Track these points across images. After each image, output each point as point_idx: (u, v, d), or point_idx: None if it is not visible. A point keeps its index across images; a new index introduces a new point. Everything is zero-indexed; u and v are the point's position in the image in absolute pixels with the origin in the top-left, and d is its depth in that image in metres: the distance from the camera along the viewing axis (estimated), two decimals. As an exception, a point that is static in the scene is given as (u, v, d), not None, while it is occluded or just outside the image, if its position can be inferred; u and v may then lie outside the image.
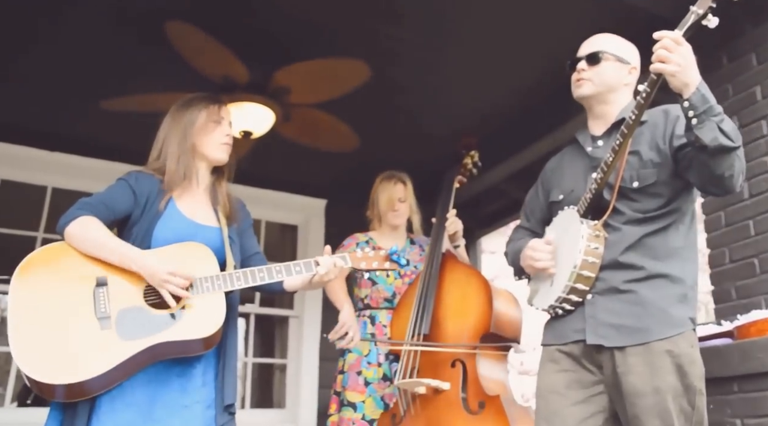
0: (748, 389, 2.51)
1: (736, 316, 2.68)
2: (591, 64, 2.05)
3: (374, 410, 2.82)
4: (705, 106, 1.70)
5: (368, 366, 2.89)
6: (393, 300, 3.02)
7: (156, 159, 2.12)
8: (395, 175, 3.20)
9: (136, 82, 3.45)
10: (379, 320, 2.99)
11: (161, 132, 2.15)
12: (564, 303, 1.95)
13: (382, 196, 3.15)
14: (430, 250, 2.96)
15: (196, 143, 2.13)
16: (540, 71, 3.73)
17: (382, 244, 3.05)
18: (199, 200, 2.16)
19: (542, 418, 1.95)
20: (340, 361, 3.01)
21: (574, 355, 1.95)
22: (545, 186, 2.24)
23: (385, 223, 3.17)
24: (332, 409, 2.92)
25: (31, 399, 5.20)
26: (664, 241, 1.92)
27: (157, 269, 1.86)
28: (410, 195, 3.18)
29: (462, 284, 2.86)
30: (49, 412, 1.87)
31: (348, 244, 3.13)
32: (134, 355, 1.79)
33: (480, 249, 5.62)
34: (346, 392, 2.87)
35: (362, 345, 2.93)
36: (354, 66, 3.38)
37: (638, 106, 1.80)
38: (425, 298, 2.80)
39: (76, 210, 1.94)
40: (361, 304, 3.08)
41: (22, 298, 1.81)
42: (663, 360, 1.81)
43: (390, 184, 3.16)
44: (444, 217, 3.03)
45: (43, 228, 4.29)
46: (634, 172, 1.94)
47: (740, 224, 2.90)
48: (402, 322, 2.85)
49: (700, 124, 1.70)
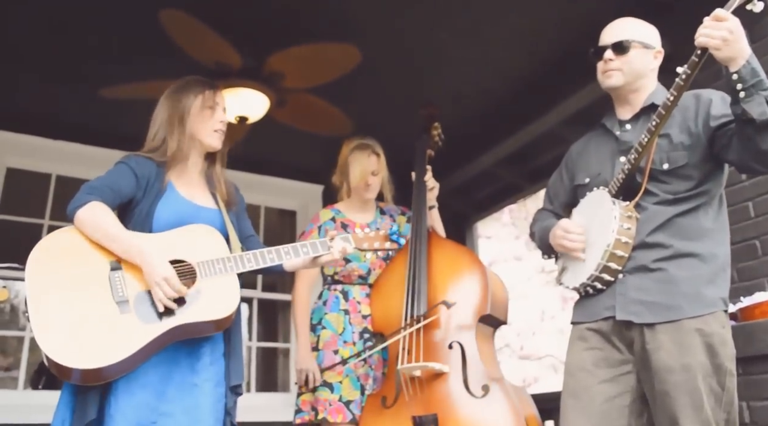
0: (753, 371, 2.51)
1: (739, 298, 2.66)
2: (618, 53, 2.01)
3: (351, 391, 2.70)
4: (754, 79, 1.67)
5: (344, 345, 2.75)
6: (367, 276, 2.87)
7: (152, 140, 2.14)
8: (369, 146, 2.93)
9: (132, 70, 3.51)
10: (353, 296, 2.84)
11: (157, 115, 2.17)
12: (596, 281, 1.94)
13: (355, 168, 2.88)
14: (415, 222, 2.83)
15: (191, 129, 2.14)
16: (532, 54, 3.77)
17: (350, 218, 2.94)
18: (196, 184, 2.18)
19: (570, 395, 1.94)
20: (311, 336, 2.82)
21: (603, 332, 1.94)
22: (570, 170, 2.23)
23: (356, 195, 2.95)
24: (303, 387, 2.74)
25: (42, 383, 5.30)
26: (694, 221, 1.91)
27: (153, 270, 1.85)
28: (383, 167, 2.95)
29: (453, 262, 2.76)
30: (60, 397, 1.90)
31: (309, 231, 2.91)
32: (156, 338, 1.82)
33: (476, 234, 5.64)
34: (322, 372, 2.71)
35: (336, 321, 2.79)
36: (345, 50, 3.44)
37: (677, 87, 1.77)
38: (416, 277, 2.68)
39: (84, 195, 1.94)
40: (331, 280, 2.90)
41: (40, 282, 1.82)
42: (693, 338, 1.79)
43: (363, 156, 2.89)
44: (422, 180, 2.93)
45: (48, 215, 4.37)
46: (665, 154, 1.93)
47: (740, 206, 2.87)
48: (388, 304, 2.73)
49: (748, 98, 1.68)
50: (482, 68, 3.92)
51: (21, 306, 2.15)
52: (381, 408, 2.59)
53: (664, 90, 1.92)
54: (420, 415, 2.48)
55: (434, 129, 3.10)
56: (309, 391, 2.72)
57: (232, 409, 2.02)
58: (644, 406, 1.89)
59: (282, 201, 5.30)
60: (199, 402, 1.93)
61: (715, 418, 1.77)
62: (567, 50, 3.47)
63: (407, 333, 2.58)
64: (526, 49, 3.73)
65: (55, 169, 4.46)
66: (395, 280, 2.78)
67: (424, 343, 2.58)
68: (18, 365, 4.21)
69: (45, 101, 4.07)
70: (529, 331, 8.30)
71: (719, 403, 1.78)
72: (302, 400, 2.75)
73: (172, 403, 1.89)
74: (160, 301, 1.84)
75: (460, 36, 3.60)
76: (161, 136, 2.12)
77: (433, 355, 2.56)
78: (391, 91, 4.09)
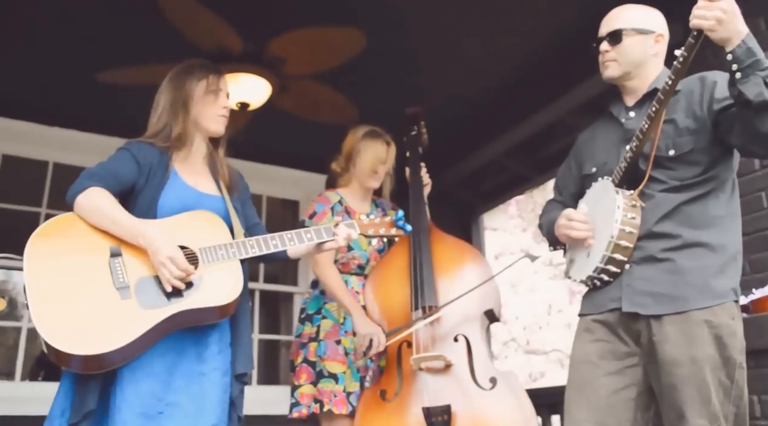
0: (765, 364, 2.48)
1: (751, 290, 2.62)
2: (613, 43, 1.99)
3: (351, 382, 2.67)
4: (750, 59, 1.63)
5: (345, 335, 2.72)
6: (365, 266, 2.85)
7: (155, 125, 2.11)
8: (381, 134, 2.91)
9: (130, 55, 3.47)
10: (351, 286, 2.80)
11: (160, 99, 2.14)
12: (602, 274, 1.91)
13: (366, 155, 2.85)
14: (415, 217, 2.81)
15: (195, 114, 2.12)
16: (539, 42, 3.72)
17: (351, 205, 2.91)
18: (200, 170, 2.16)
19: (574, 387, 1.92)
20: (307, 326, 2.79)
21: (610, 324, 1.91)
22: (577, 159, 2.20)
23: (358, 183, 2.92)
24: (302, 379, 2.69)
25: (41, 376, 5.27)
26: (703, 208, 1.87)
27: (159, 249, 1.82)
28: (392, 159, 2.93)
29: (456, 255, 2.77)
30: (59, 386, 1.87)
31: (322, 212, 2.85)
32: (158, 324, 1.79)
33: (482, 226, 5.59)
34: (325, 362, 2.67)
35: (337, 311, 2.76)
36: (349, 34, 3.38)
37: (675, 71, 1.73)
38: (421, 269, 2.67)
39: (85, 180, 1.92)
40: None
41: (38, 268, 1.79)
42: (701, 330, 1.76)
43: (377, 144, 2.87)
44: (419, 174, 2.93)
45: (45, 203, 4.32)
46: (670, 140, 1.89)
47: (752, 196, 2.82)
48: (393, 297, 2.70)
49: (744, 79, 1.64)
50: (490, 55, 3.86)
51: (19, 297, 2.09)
52: (380, 402, 2.56)
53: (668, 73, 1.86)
54: (431, 406, 2.46)
55: (422, 127, 3.07)
56: (368, 357, 2.66)
57: (237, 399, 1.99)
58: (651, 399, 1.87)
59: (285, 190, 5.25)
60: (205, 391, 1.90)
61: (724, 412, 1.74)
62: (576, 37, 3.38)
63: (426, 321, 2.54)
64: (534, 37, 3.67)
65: (52, 157, 4.41)
66: (394, 272, 2.75)
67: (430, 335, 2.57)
68: (16, 357, 4.15)
69: (41, 87, 4.02)
70: (535, 325, 8.24)
71: (728, 397, 1.75)
72: (300, 393, 2.69)
73: (179, 392, 1.87)
74: (168, 282, 1.81)
75: (468, 24, 3.54)
76: (164, 121, 2.10)
77: (439, 348, 2.55)
78: (397, 79, 4.03)
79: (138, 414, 1.79)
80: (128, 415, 1.78)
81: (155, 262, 1.83)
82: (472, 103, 4.22)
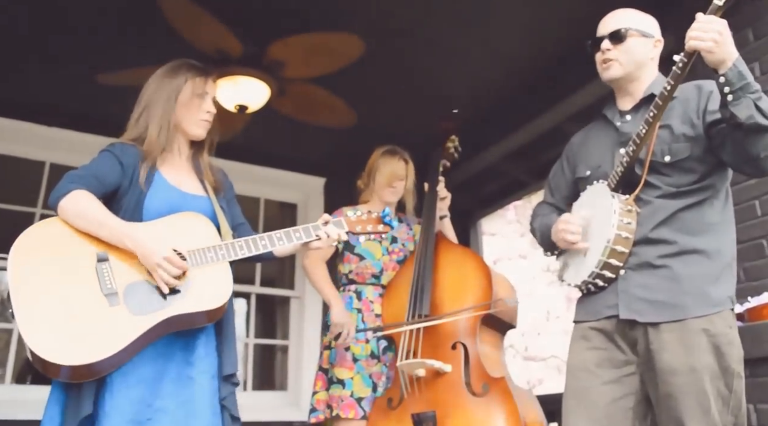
0: (760, 373, 2.45)
1: (746, 298, 2.61)
2: (615, 42, 1.96)
3: (362, 388, 2.74)
4: (741, 82, 1.65)
5: (356, 342, 2.80)
6: (380, 276, 2.93)
7: (136, 122, 2.06)
8: (398, 152, 3.07)
9: (130, 57, 3.44)
10: (366, 296, 2.90)
11: (144, 96, 2.09)
12: (597, 279, 1.90)
13: (383, 170, 3.01)
14: (424, 227, 2.90)
15: (177, 116, 2.07)
16: (537, 48, 3.72)
17: None
18: (183, 171, 2.12)
19: (572, 396, 1.90)
20: (326, 335, 2.91)
21: (607, 332, 1.89)
22: (571, 161, 2.19)
23: (378, 198, 3.04)
24: (318, 386, 2.82)
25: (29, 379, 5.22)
26: (699, 215, 1.86)
27: (153, 251, 1.79)
28: (410, 175, 3.07)
29: (459, 266, 2.79)
30: (51, 394, 1.82)
31: None
32: (148, 331, 1.76)
33: (480, 231, 5.59)
34: (335, 369, 2.78)
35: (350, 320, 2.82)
36: (348, 40, 3.37)
37: (674, 76, 1.73)
38: (422, 278, 2.73)
39: (67, 183, 1.87)
40: (345, 280, 2.97)
41: (23, 274, 1.74)
42: (699, 339, 1.74)
43: (393, 160, 3.03)
44: (435, 189, 3.01)
45: (41, 204, 4.29)
46: (666, 146, 1.88)
47: (746, 204, 2.82)
48: (397, 304, 2.78)
49: (735, 101, 1.65)
50: (487, 63, 3.87)
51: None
52: (387, 409, 2.63)
53: (664, 80, 1.86)
54: (419, 412, 2.49)
55: (450, 141, 3.15)
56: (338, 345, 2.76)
57: (228, 401, 1.95)
58: (648, 408, 1.85)
59: (282, 193, 5.22)
60: (195, 395, 1.86)
61: (723, 422, 1.73)
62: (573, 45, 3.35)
63: (408, 328, 2.62)
64: (532, 44, 3.67)
65: (49, 157, 4.39)
66: (404, 282, 2.82)
67: (428, 342, 2.61)
68: (5, 360, 4.11)
69: (40, 87, 4.01)
70: (533, 331, 8.22)
71: (727, 407, 1.73)
72: (317, 399, 2.80)
73: (167, 398, 1.83)
74: (166, 283, 1.78)
75: (466, 30, 3.54)
76: (144, 123, 2.05)
77: (436, 354, 2.58)
78: (394, 85, 4.03)
79: (128, 420, 1.75)
80: (118, 422, 1.74)
81: (149, 265, 1.79)
82: (471, 108, 4.21)
